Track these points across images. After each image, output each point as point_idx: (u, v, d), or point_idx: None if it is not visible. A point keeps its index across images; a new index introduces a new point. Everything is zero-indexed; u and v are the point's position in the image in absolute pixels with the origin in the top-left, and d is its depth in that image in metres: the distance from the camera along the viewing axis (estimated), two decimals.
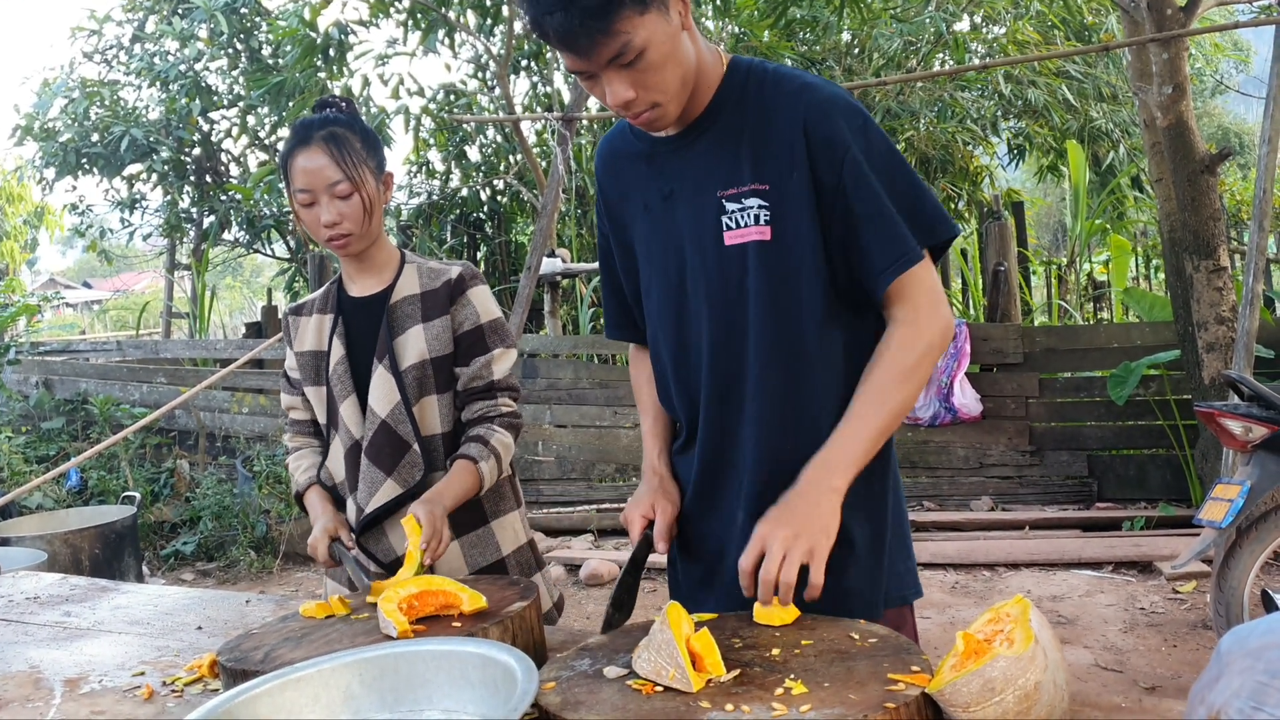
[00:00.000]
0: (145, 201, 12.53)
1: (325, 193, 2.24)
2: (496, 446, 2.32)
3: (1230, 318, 5.84)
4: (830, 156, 1.76)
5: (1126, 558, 5.82)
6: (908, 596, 1.96)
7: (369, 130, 2.37)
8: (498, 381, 2.37)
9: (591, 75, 1.71)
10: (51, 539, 5.45)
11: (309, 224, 2.29)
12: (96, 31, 12.15)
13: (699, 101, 1.84)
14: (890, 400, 1.74)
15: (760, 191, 1.79)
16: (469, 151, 11.69)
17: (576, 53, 1.66)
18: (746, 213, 1.80)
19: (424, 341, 2.32)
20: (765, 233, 1.79)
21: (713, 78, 1.84)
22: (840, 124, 1.77)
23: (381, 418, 2.30)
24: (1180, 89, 5.92)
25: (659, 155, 1.91)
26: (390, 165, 2.44)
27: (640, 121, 1.78)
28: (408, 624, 1.73)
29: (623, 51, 1.64)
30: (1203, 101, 24.31)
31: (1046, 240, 20.53)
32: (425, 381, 2.33)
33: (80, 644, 2.20)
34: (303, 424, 2.51)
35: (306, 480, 2.44)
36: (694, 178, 1.86)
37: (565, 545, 6.76)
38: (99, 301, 33.62)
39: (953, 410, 7.14)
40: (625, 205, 2.00)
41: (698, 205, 1.85)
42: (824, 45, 10.75)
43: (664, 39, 1.68)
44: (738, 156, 1.82)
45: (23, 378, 10.40)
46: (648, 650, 1.47)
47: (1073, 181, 10.66)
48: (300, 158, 2.25)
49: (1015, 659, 1.33)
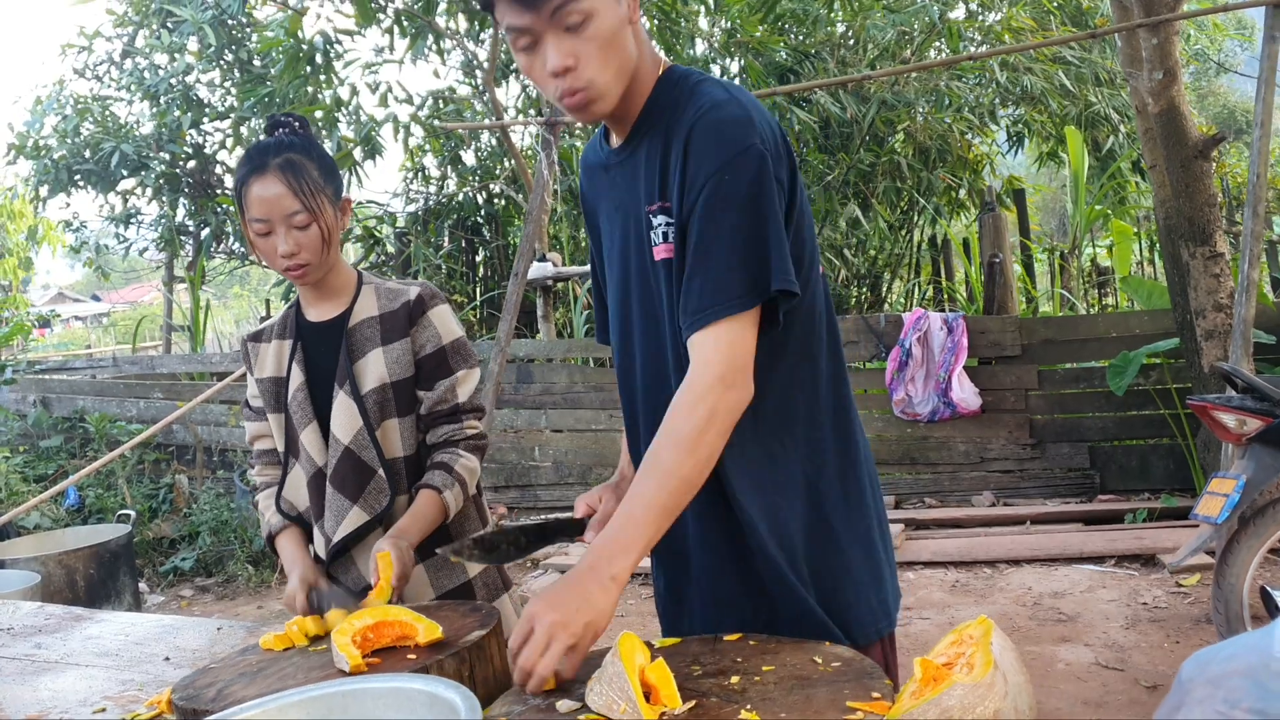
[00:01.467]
0: (140, 216, 12.52)
1: (282, 223, 2.19)
2: (461, 472, 2.28)
3: (1228, 304, 5.77)
4: (694, 178, 1.70)
5: (1129, 551, 5.77)
6: (872, 636, 1.91)
7: (325, 154, 2.31)
8: (463, 404, 2.34)
9: (532, 40, 1.66)
10: (46, 560, 5.44)
11: (265, 253, 2.23)
12: (87, 48, 12.14)
13: (633, 107, 1.81)
14: (674, 474, 1.62)
15: (666, 209, 1.76)
16: (464, 156, 11.67)
17: (522, 1, 1.62)
18: (659, 230, 1.77)
19: (384, 365, 2.28)
20: (670, 250, 1.76)
21: (646, 84, 1.81)
22: (714, 147, 1.69)
23: (345, 444, 2.26)
24: (1171, 74, 5.85)
25: (612, 167, 1.89)
26: (383, 173, 2.39)
27: (574, 101, 1.71)
28: (360, 658, 1.69)
29: (566, 6, 1.61)
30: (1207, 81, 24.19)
31: (1052, 226, 20.41)
32: (386, 405, 2.29)
33: (46, 678, 2.18)
34: (271, 454, 2.46)
35: (280, 523, 2.37)
36: (631, 190, 1.84)
37: (563, 552, 6.72)
38: (107, 314, 33.76)
39: (951, 405, 7.09)
40: (598, 213, 2.00)
41: (635, 218, 1.84)
42: (816, 38, 10.69)
43: (611, 18, 1.66)
44: (653, 172, 1.78)
45: (20, 396, 10.41)
46: (600, 683, 1.44)
47: (1072, 168, 10.60)
48: (256, 186, 2.19)
49: (973, 686, 1.29)
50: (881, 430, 7.46)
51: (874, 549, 1.94)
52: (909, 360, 7.18)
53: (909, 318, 7.30)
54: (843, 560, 1.87)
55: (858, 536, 1.91)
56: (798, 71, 10.22)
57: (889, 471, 7.43)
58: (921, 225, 11.46)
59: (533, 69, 1.70)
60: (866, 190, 10.57)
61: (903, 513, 6.96)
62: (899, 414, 7.30)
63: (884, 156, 10.32)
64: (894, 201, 10.94)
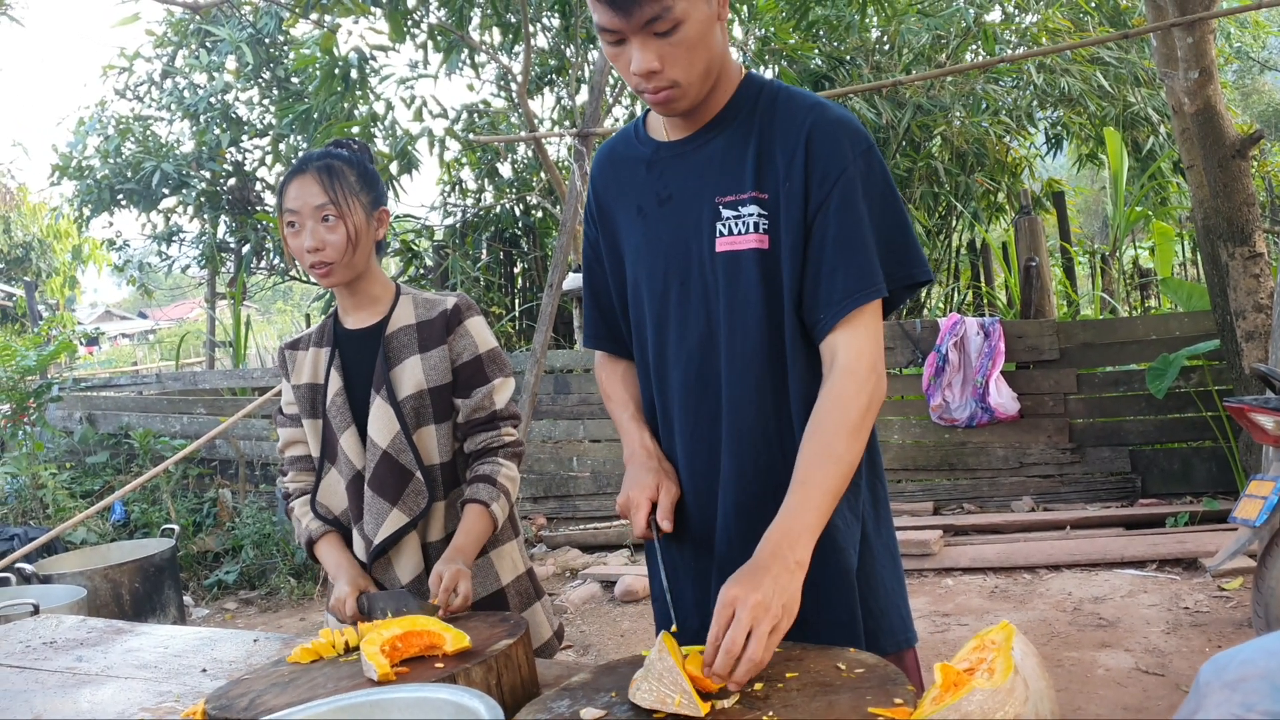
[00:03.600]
0: (182, 234, 12.69)
1: (311, 217, 2.25)
2: (504, 482, 2.33)
3: (1268, 305, 5.71)
4: (826, 172, 1.74)
5: (1170, 555, 5.70)
6: (903, 642, 1.91)
7: (370, 169, 2.38)
8: (499, 411, 2.38)
9: (621, 39, 1.69)
10: (92, 575, 5.51)
11: (294, 249, 2.30)
12: (128, 69, 12.32)
13: (713, 104, 1.83)
14: (840, 459, 1.67)
15: (759, 200, 1.78)
16: (501, 169, 11.73)
17: (615, 7, 1.64)
18: (744, 220, 1.78)
19: (421, 372, 2.33)
20: (763, 241, 1.78)
21: (730, 83, 1.84)
22: (844, 143, 1.75)
23: (383, 448, 2.30)
24: (1207, 73, 5.80)
25: (660, 160, 1.90)
26: (420, 187, 2.43)
27: (658, 99, 1.75)
28: (389, 667, 1.71)
29: (660, 15, 1.63)
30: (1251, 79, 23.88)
31: (1096, 228, 20.22)
32: (423, 411, 2.33)
33: (86, 691, 2.22)
34: (305, 460, 2.49)
35: (320, 529, 2.40)
36: (693, 183, 1.85)
37: (601, 561, 6.75)
38: (153, 331, 34.20)
39: (989, 410, 7.04)
40: (618, 209, 1.99)
41: (694, 210, 1.84)
42: (849, 44, 10.66)
43: (701, 20, 1.67)
44: (741, 164, 1.80)
45: (67, 413, 10.57)
46: (648, 680, 1.45)
47: (1111, 169, 10.50)
48: (294, 185, 2.28)
49: (993, 691, 1.30)
50: (919, 436, 7.43)
51: (897, 559, 1.95)
52: (945, 366, 7.14)
53: (945, 323, 7.27)
54: (875, 567, 1.88)
55: (885, 544, 1.92)
56: (832, 78, 10.21)
57: (927, 477, 7.39)
58: (960, 230, 11.40)
59: (618, 61, 1.73)
60: (904, 195, 10.53)
61: (941, 519, 6.92)
62: (936, 420, 7.26)
63: (921, 161, 10.28)
64: (931, 206, 10.88)
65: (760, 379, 1.81)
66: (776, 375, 1.81)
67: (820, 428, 1.69)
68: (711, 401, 1.85)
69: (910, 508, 7.11)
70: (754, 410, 1.82)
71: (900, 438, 7.50)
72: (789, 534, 1.61)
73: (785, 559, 1.58)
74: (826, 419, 1.69)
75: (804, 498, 1.64)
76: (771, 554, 1.59)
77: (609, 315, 2.08)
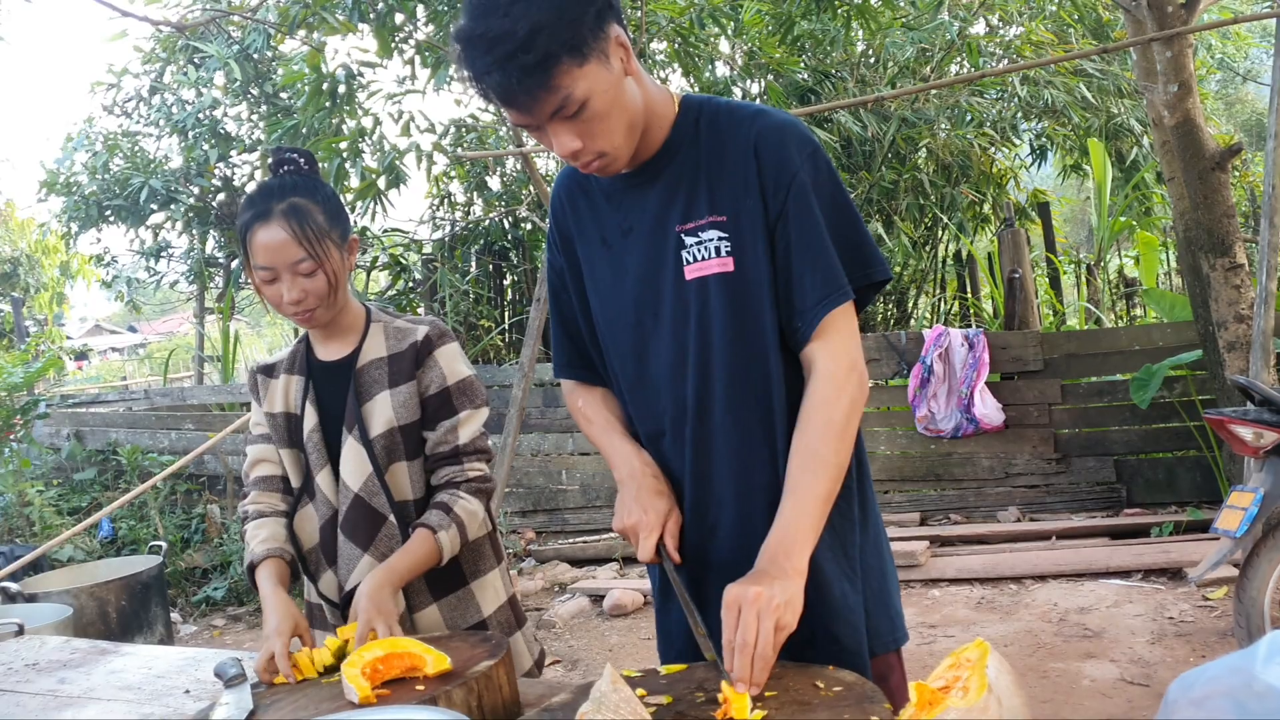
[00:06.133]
0: (170, 249, 12.66)
1: (288, 271, 2.17)
2: (460, 514, 2.23)
3: (1250, 315, 5.74)
4: (778, 180, 1.76)
5: (1155, 565, 5.72)
6: (890, 644, 1.93)
7: (331, 194, 2.28)
8: (463, 446, 2.29)
9: (538, 127, 1.70)
10: (79, 593, 5.49)
11: (271, 300, 2.21)
12: (115, 85, 12.29)
13: (652, 141, 1.84)
14: (827, 463, 1.69)
15: (718, 223, 1.80)
16: (490, 182, 11.73)
17: (518, 109, 1.66)
18: (705, 245, 1.80)
19: (391, 409, 2.26)
20: (728, 264, 1.79)
21: (665, 118, 1.85)
22: (790, 148, 1.77)
23: (355, 491, 2.25)
24: (1186, 87, 5.84)
25: (617, 192, 1.91)
26: (409, 200, 2.37)
27: (590, 170, 1.77)
28: (369, 689, 1.72)
29: (564, 105, 1.64)
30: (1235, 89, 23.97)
31: (1081, 237, 20.28)
32: (394, 449, 2.27)
33: (67, 714, 2.21)
34: (270, 480, 2.40)
35: (264, 551, 2.28)
36: (652, 213, 1.86)
37: (590, 575, 6.75)
38: (143, 345, 34.06)
39: (974, 421, 7.07)
40: (579, 239, 1.99)
41: (657, 240, 1.85)
42: (835, 57, 10.71)
43: (606, 88, 1.67)
44: (695, 190, 1.82)
45: (54, 430, 10.53)
46: (600, 713, 1.44)
47: (1095, 180, 10.55)
48: (260, 233, 2.16)
49: (966, 710, 1.31)
50: (905, 447, 7.45)
51: (886, 559, 1.97)
52: (931, 377, 7.17)
53: (930, 335, 7.30)
54: (863, 568, 1.89)
55: (873, 545, 1.93)
56: (818, 91, 10.24)
57: (913, 488, 7.41)
58: (945, 241, 11.44)
59: (544, 143, 1.74)
60: (889, 208, 10.56)
61: (927, 529, 6.94)
62: (922, 430, 7.29)
63: (906, 173, 10.32)
64: (917, 218, 10.92)
65: (744, 398, 1.82)
66: (760, 392, 1.82)
67: (805, 435, 1.72)
68: (697, 425, 1.87)
69: (897, 518, 7.13)
70: (742, 429, 1.84)
71: (886, 449, 7.52)
72: (784, 544, 1.64)
73: (783, 568, 1.61)
74: (810, 425, 1.72)
75: (796, 506, 1.67)
76: (769, 564, 1.62)
77: (578, 342, 2.06)
